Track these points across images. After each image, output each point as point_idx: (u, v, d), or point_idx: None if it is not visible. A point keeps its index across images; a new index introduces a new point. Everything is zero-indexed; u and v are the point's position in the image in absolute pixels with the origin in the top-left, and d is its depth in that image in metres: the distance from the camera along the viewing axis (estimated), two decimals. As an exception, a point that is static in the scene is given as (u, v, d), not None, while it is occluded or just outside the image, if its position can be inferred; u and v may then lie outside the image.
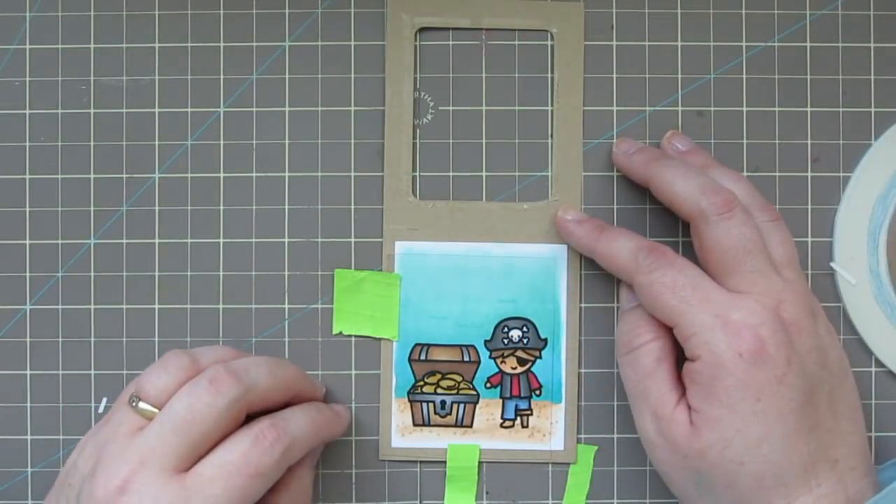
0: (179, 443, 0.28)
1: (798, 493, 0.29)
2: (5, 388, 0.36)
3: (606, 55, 0.36)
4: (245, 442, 0.29)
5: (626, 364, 0.32)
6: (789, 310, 0.30)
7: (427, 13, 0.35)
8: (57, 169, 0.36)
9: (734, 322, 0.29)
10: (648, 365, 0.32)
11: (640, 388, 0.32)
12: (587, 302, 0.36)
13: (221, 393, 0.29)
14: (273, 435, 0.29)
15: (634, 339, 0.32)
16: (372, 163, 0.36)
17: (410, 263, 0.36)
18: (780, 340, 0.29)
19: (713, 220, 0.30)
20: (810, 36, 0.36)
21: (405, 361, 0.36)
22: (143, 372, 0.31)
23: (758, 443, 0.29)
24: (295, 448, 0.30)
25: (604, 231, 0.33)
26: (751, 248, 0.30)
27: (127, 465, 0.28)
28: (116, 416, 0.30)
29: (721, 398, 0.29)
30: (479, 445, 0.36)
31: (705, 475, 0.30)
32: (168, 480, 0.28)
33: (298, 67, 0.36)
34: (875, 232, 0.36)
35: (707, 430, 0.29)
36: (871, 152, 0.36)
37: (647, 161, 0.34)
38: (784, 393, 0.29)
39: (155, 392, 0.30)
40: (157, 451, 0.28)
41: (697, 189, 0.31)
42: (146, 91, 0.36)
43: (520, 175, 0.36)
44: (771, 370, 0.29)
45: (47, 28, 0.36)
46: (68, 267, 0.36)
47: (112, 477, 0.28)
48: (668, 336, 0.32)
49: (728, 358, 0.29)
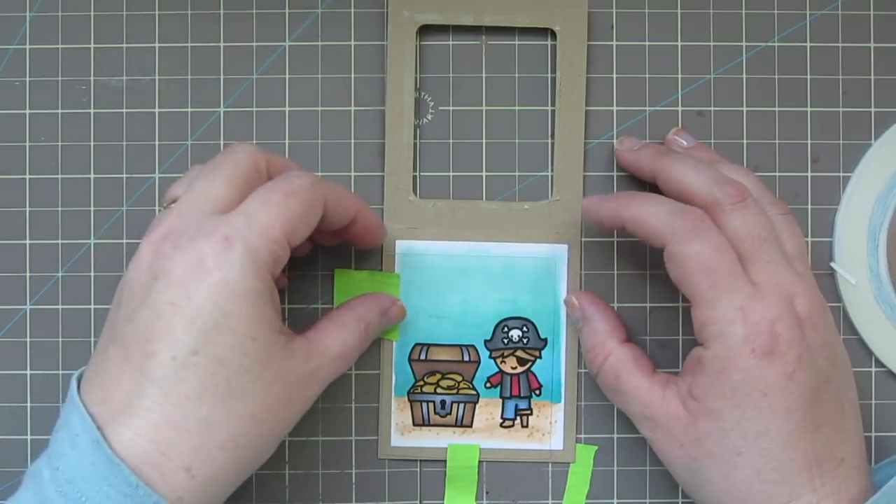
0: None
1: (801, 492, 0.29)
2: (5, 388, 0.36)
3: (607, 55, 0.36)
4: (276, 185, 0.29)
5: (599, 384, 0.34)
6: (803, 303, 0.30)
7: (429, 10, 0.35)
8: (57, 169, 0.36)
9: (755, 315, 0.29)
10: (614, 382, 0.32)
11: (620, 401, 0.33)
12: (587, 302, 0.36)
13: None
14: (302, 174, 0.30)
15: (593, 361, 0.33)
16: (372, 163, 0.36)
17: (410, 263, 0.36)
18: (793, 337, 0.29)
19: (728, 210, 0.30)
20: (810, 36, 0.36)
21: (405, 361, 0.36)
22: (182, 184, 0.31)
23: (757, 436, 0.29)
24: (328, 192, 0.30)
25: (628, 195, 0.32)
26: (766, 236, 0.30)
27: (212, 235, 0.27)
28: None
29: (725, 392, 0.29)
30: (479, 445, 0.36)
31: (702, 462, 0.30)
32: None
33: (298, 67, 0.36)
34: (875, 232, 0.36)
35: (704, 420, 0.30)
36: (871, 152, 0.36)
37: (655, 155, 0.34)
38: (793, 389, 0.29)
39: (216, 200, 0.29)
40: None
41: (710, 180, 0.31)
42: (146, 91, 0.36)
43: (520, 175, 0.36)
44: (781, 366, 0.29)
45: (47, 28, 0.36)
46: (68, 267, 0.36)
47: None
48: (621, 341, 0.33)
49: (741, 354, 0.29)
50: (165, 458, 0.26)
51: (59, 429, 0.28)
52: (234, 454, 0.27)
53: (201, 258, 0.27)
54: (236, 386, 0.27)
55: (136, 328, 0.27)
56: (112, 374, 0.27)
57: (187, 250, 0.27)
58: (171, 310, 0.27)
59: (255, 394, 0.28)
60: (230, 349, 0.27)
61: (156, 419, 0.26)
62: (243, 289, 0.27)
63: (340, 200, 0.30)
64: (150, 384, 0.26)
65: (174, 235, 0.28)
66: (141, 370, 0.27)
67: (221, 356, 0.27)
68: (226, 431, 0.27)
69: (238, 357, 0.27)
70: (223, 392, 0.27)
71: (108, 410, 0.27)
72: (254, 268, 0.27)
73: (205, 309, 0.26)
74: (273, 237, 0.28)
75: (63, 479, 0.26)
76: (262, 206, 0.28)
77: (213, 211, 0.28)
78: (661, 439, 0.31)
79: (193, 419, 0.27)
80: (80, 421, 0.27)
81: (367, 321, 0.32)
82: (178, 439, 0.26)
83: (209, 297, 0.26)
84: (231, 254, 0.27)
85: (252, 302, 0.27)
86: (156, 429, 0.26)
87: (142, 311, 0.27)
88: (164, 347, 0.26)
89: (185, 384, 0.26)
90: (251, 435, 0.28)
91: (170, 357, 0.26)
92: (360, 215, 0.32)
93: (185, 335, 0.26)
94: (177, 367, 0.26)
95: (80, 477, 0.26)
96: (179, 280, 0.27)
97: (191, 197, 0.28)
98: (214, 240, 0.27)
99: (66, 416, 0.28)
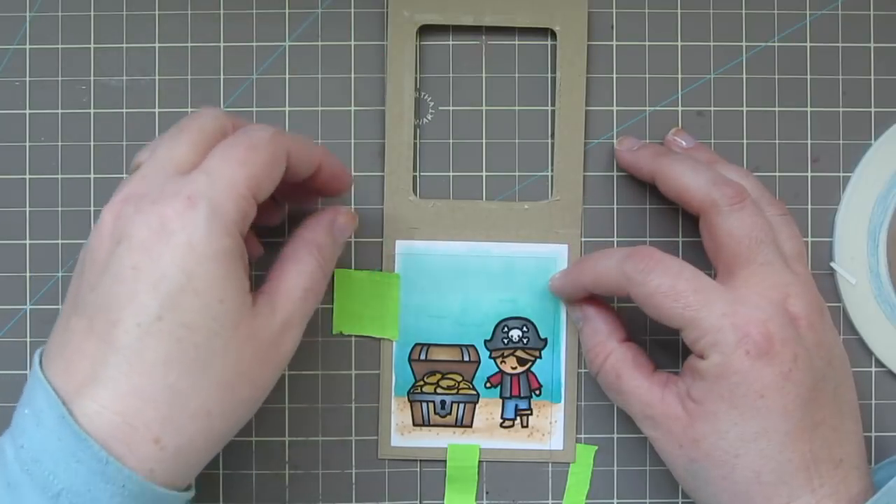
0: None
1: (799, 493, 0.29)
2: (5, 388, 0.36)
3: (606, 55, 0.36)
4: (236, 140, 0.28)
5: (599, 383, 0.34)
6: (798, 303, 0.30)
7: (429, 10, 0.35)
8: (57, 169, 0.36)
9: (742, 317, 0.29)
10: (615, 381, 0.32)
11: (620, 401, 0.33)
12: (587, 302, 0.36)
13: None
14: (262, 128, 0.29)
15: (593, 361, 0.33)
16: (372, 163, 0.36)
17: (410, 263, 0.36)
18: (787, 335, 0.29)
19: (725, 211, 0.30)
20: (810, 36, 0.36)
21: (405, 361, 0.36)
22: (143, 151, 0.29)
23: (755, 437, 0.29)
24: (290, 143, 0.29)
25: (582, 260, 0.34)
26: (763, 237, 0.30)
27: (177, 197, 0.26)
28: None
29: (723, 394, 0.29)
30: (479, 445, 0.36)
31: (701, 464, 0.30)
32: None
33: (298, 67, 0.36)
34: (875, 232, 0.36)
35: (702, 422, 0.30)
36: (871, 152, 0.36)
37: (654, 155, 0.34)
38: (789, 389, 0.29)
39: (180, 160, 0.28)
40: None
41: (708, 181, 0.31)
42: (146, 91, 0.36)
43: (520, 175, 0.36)
44: (777, 366, 0.28)
45: (47, 28, 0.36)
46: (68, 267, 0.36)
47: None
48: (621, 340, 0.33)
49: (736, 357, 0.29)
50: (133, 430, 0.25)
51: (23, 405, 0.27)
52: (206, 423, 0.27)
53: (164, 220, 0.26)
54: (205, 351, 0.26)
55: (98, 296, 0.26)
56: (74, 345, 0.26)
57: (149, 213, 0.26)
58: (134, 274, 0.26)
59: (225, 359, 0.27)
60: (197, 313, 0.26)
61: (122, 389, 0.25)
62: (209, 250, 0.26)
63: (303, 150, 0.29)
64: (114, 353, 0.25)
65: (135, 198, 0.27)
66: (105, 339, 0.26)
67: (188, 321, 0.26)
68: (196, 400, 0.26)
69: (206, 321, 0.26)
70: (192, 358, 0.26)
71: (71, 383, 0.26)
72: (220, 227, 0.26)
73: (169, 272, 0.25)
74: (239, 193, 0.27)
75: (28, 458, 0.25)
76: (224, 163, 0.27)
77: (177, 172, 0.27)
78: (662, 439, 0.31)
79: (160, 387, 0.26)
80: (44, 396, 0.26)
81: (317, 243, 0.31)
82: (146, 409, 0.25)
83: (173, 259, 0.26)
84: (195, 214, 0.26)
85: (220, 262, 0.26)
86: (122, 399, 0.25)
87: (104, 279, 0.26)
88: (129, 315, 0.25)
89: (150, 351, 0.25)
90: (224, 403, 0.27)
91: (134, 324, 0.25)
92: (325, 162, 0.31)
93: (150, 300, 0.25)
94: (141, 333, 0.25)
95: (46, 455, 0.25)
96: (142, 244, 0.26)
97: (154, 160, 0.28)
98: (178, 200, 0.26)
99: (30, 392, 0.27)
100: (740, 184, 0.31)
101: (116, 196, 0.27)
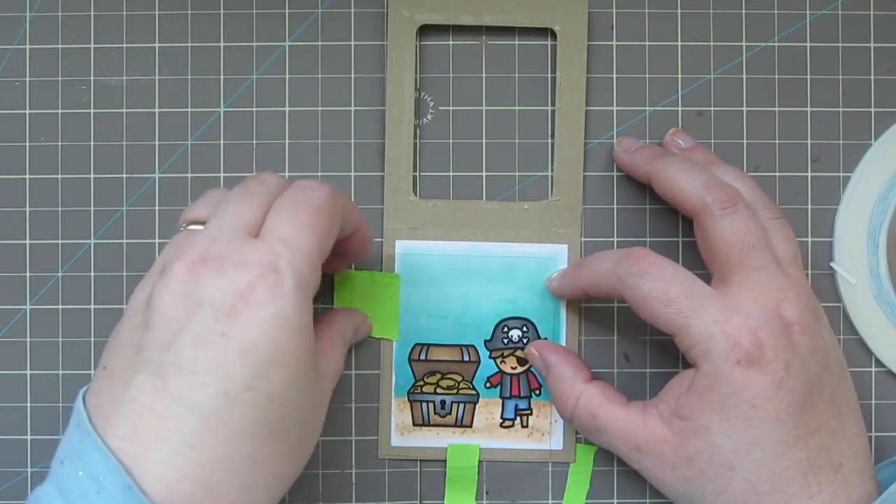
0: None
1: (797, 500, 0.28)
2: (5, 388, 0.36)
3: (606, 55, 0.36)
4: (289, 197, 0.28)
5: (577, 428, 0.33)
6: (792, 308, 0.29)
7: (429, 10, 0.35)
8: (57, 169, 0.36)
9: (733, 325, 0.28)
10: (591, 421, 0.32)
11: (603, 440, 0.32)
12: (587, 302, 0.36)
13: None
14: (315, 184, 0.29)
15: (564, 406, 0.33)
16: (372, 163, 0.36)
17: (410, 263, 0.36)
18: (779, 343, 0.28)
19: (717, 215, 0.30)
20: (810, 36, 0.36)
21: (405, 361, 0.36)
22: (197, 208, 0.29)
23: (749, 448, 0.28)
24: (343, 201, 0.29)
25: (580, 262, 0.34)
26: (755, 242, 0.30)
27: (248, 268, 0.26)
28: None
29: (714, 407, 0.29)
30: (479, 445, 0.36)
31: (697, 482, 0.29)
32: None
33: (298, 67, 0.36)
34: (875, 232, 0.36)
35: (694, 438, 0.29)
36: (871, 152, 0.36)
37: (650, 157, 0.33)
38: (782, 397, 0.28)
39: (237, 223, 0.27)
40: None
41: (701, 184, 0.31)
42: (146, 91, 0.36)
43: (520, 175, 0.36)
44: (769, 374, 0.28)
45: (47, 28, 0.36)
46: (68, 267, 0.36)
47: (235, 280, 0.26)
48: (587, 380, 0.32)
49: (726, 367, 0.28)
50: (213, 500, 0.25)
51: (70, 460, 0.25)
52: (275, 491, 0.27)
53: (252, 288, 0.25)
54: (285, 422, 0.26)
55: (176, 357, 0.25)
56: (144, 406, 0.25)
57: (235, 279, 0.25)
58: (222, 341, 0.25)
59: (299, 428, 0.27)
60: (282, 384, 0.26)
61: (204, 457, 0.25)
62: (298, 323, 0.26)
63: (349, 210, 0.30)
64: (197, 420, 0.25)
65: (215, 261, 0.26)
66: (184, 403, 0.25)
67: (273, 392, 0.25)
68: (270, 468, 0.26)
69: (289, 392, 0.26)
70: (274, 429, 0.26)
71: (140, 448, 0.24)
72: (305, 299, 0.26)
73: (261, 343, 0.25)
74: (313, 263, 0.27)
75: None
76: (296, 229, 0.27)
77: (248, 235, 0.27)
78: (652, 466, 0.30)
79: (243, 457, 0.25)
80: (102, 460, 0.24)
81: (345, 339, 0.33)
82: (227, 479, 0.25)
83: (265, 330, 0.25)
84: (283, 285, 0.26)
85: (306, 335, 0.26)
86: (203, 468, 0.25)
87: (182, 339, 0.25)
88: (214, 381, 0.25)
89: (235, 421, 0.25)
90: (289, 470, 0.27)
91: (221, 391, 0.25)
92: (361, 225, 0.31)
93: (239, 369, 0.25)
94: (228, 402, 0.25)
95: None
96: (230, 311, 0.25)
97: (222, 221, 0.27)
98: (263, 269, 0.26)
99: (80, 449, 0.25)
100: (734, 187, 0.31)
101: (189, 254, 0.26)
